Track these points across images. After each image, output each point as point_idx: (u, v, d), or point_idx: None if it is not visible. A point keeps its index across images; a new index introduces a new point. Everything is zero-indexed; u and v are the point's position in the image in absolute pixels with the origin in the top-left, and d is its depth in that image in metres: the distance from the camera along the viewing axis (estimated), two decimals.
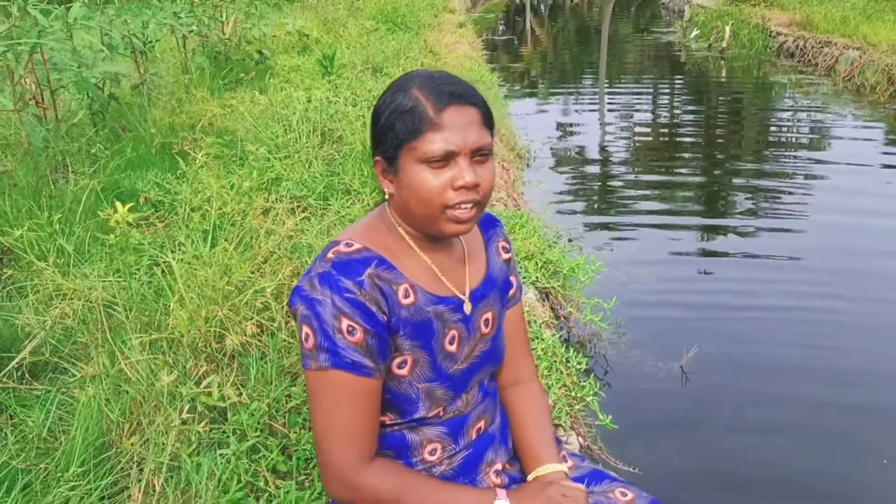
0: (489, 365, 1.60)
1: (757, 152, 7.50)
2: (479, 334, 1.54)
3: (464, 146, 1.36)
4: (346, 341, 1.34)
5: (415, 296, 1.42)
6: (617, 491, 1.63)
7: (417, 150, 1.35)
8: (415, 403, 1.46)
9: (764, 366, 3.58)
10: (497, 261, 1.63)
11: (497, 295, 1.60)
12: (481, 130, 1.39)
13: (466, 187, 1.36)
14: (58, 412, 2.19)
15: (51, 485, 1.93)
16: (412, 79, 1.42)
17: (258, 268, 2.92)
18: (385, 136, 1.40)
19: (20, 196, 3.39)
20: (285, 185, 3.84)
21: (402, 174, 1.38)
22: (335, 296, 1.33)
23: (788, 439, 3.07)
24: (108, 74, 4.83)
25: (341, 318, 1.33)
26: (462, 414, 1.54)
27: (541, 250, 3.65)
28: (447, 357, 1.48)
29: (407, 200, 1.39)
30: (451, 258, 1.53)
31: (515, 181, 5.50)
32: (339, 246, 1.40)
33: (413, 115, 1.36)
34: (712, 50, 13.16)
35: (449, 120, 1.35)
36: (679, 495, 2.71)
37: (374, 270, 1.37)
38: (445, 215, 1.37)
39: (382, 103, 1.42)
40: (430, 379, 1.46)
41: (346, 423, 1.38)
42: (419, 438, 1.51)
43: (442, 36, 10.57)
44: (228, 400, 2.17)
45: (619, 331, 3.78)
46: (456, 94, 1.38)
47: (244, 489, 1.96)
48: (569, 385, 2.66)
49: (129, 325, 2.46)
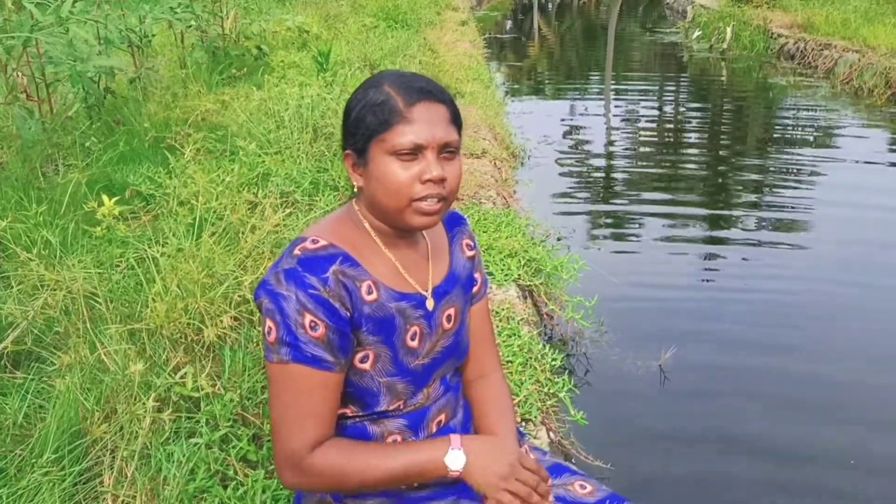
0: (451, 360, 1.63)
1: (757, 152, 7.56)
2: (441, 330, 1.57)
3: (432, 140, 1.40)
4: (307, 336, 1.37)
5: (378, 293, 1.46)
6: (576, 484, 1.66)
7: (387, 141, 1.39)
8: (376, 397, 1.50)
9: (744, 369, 3.61)
10: (461, 258, 1.67)
11: (460, 291, 1.63)
12: (449, 127, 1.44)
13: (433, 181, 1.40)
14: (35, 400, 2.24)
15: (25, 470, 1.98)
16: (384, 76, 1.46)
17: (241, 262, 2.97)
18: (356, 128, 1.43)
19: (10, 188, 3.44)
20: (274, 181, 3.88)
21: (372, 166, 1.42)
22: (300, 292, 1.36)
23: (765, 443, 3.09)
24: (103, 69, 4.88)
25: (304, 313, 1.36)
26: (423, 407, 1.57)
27: (524, 248, 3.68)
28: (409, 352, 1.51)
29: (375, 192, 1.43)
30: (415, 255, 1.56)
31: (508, 179, 5.54)
32: (306, 243, 1.43)
33: (384, 108, 1.40)
34: (713, 51, 13.18)
35: (419, 114, 1.40)
36: (648, 493, 2.75)
37: (339, 267, 1.41)
38: (412, 207, 1.41)
39: (354, 98, 1.46)
40: (392, 373, 1.49)
41: (301, 413, 1.40)
42: (380, 430, 1.54)
43: (443, 34, 10.60)
44: (202, 390, 2.21)
45: (601, 329, 3.81)
46: (426, 91, 1.43)
47: (213, 477, 2.00)
48: (542, 381, 2.70)
49: (109, 317, 2.51)
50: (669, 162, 7.35)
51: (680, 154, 7.66)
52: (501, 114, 7.46)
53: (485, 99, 7.15)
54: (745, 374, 3.57)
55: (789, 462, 2.98)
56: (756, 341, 3.84)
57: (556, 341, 3.70)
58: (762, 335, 3.91)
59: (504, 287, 3.38)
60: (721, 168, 7.13)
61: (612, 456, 2.78)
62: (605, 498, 1.62)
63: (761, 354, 3.71)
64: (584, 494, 1.63)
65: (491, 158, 5.43)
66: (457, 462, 1.43)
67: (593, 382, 3.45)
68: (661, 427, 3.19)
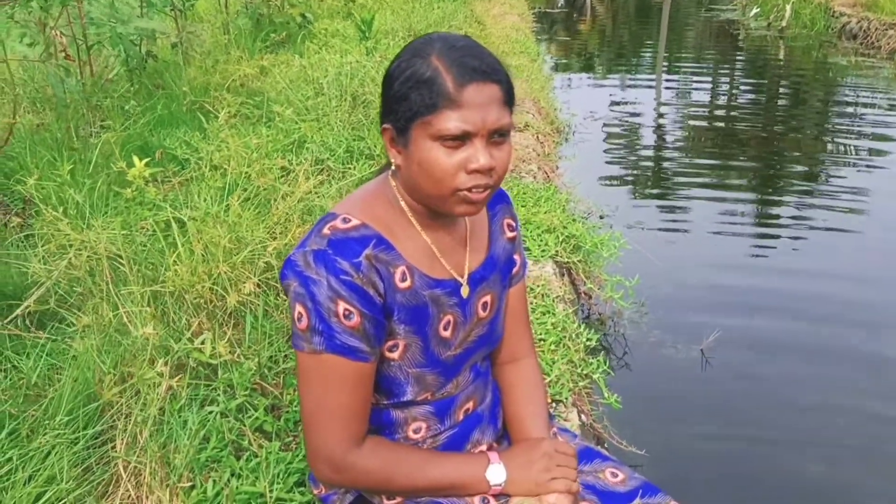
0: (484, 349, 1.54)
1: (814, 136, 7.23)
2: (476, 318, 1.47)
3: (482, 127, 1.25)
4: (342, 325, 1.28)
5: (412, 279, 1.36)
6: (607, 471, 1.57)
7: (432, 125, 1.25)
8: (402, 387, 1.42)
9: (792, 358, 3.44)
10: (501, 240, 1.55)
11: (498, 276, 1.53)
12: (502, 110, 1.28)
13: (480, 171, 1.27)
14: (52, 361, 2.20)
15: (37, 432, 1.94)
16: (432, 44, 1.30)
17: (270, 230, 2.90)
18: (397, 104, 1.29)
19: (44, 147, 3.41)
20: (309, 148, 3.80)
21: (413, 148, 1.29)
22: (331, 277, 1.26)
23: (810, 439, 2.94)
24: (145, 31, 4.84)
25: (338, 300, 1.26)
26: (451, 395, 1.49)
27: (563, 224, 3.56)
28: (441, 343, 1.42)
29: (416, 176, 1.30)
30: (453, 237, 1.45)
31: (550, 154, 5.39)
32: (337, 221, 1.32)
33: (431, 87, 1.25)
34: (771, 29, 12.76)
35: (469, 97, 1.24)
36: (683, 483, 2.62)
37: (372, 251, 1.30)
38: (456, 197, 1.29)
39: (397, 67, 1.30)
40: (421, 364, 1.41)
41: (337, 407, 1.33)
42: (404, 416, 1.46)
43: (491, 6, 10.43)
44: (221, 357, 2.14)
45: (641, 310, 3.68)
46: (480, 70, 1.26)
47: (227, 447, 1.94)
48: (575, 361, 2.58)
49: (132, 279, 2.46)
50: (721, 144, 7.09)
51: (732, 136, 7.37)
52: (547, 88, 7.30)
53: (530, 72, 6.99)
54: (791, 365, 3.40)
55: (831, 457, 2.83)
56: (804, 333, 3.65)
57: (593, 321, 3.58)
58: (810, 327, 3.71)
59: (540, 263, 3.27)
60: (774, 151, 6.81)
61: (647, 442, 2.66)
62: (638, 487, 1.53)
63: (808, 347, 3.53)
64: (615, 483, 1.54)
65: (534, 132, 5.29)
66: (498, 476, 1.41)
67: (631, 365, 3.33)
68: (699, 414, 3.06)
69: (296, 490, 1.81)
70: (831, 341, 3.57)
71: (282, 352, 2.30)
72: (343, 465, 1.35)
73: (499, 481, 1.40)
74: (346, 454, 1.35)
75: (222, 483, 1.81)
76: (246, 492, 1.76)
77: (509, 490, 1.40)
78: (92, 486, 1.86)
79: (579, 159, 5.89)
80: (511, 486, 1.40)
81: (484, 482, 1.40)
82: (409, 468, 1.40)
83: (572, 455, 1.45)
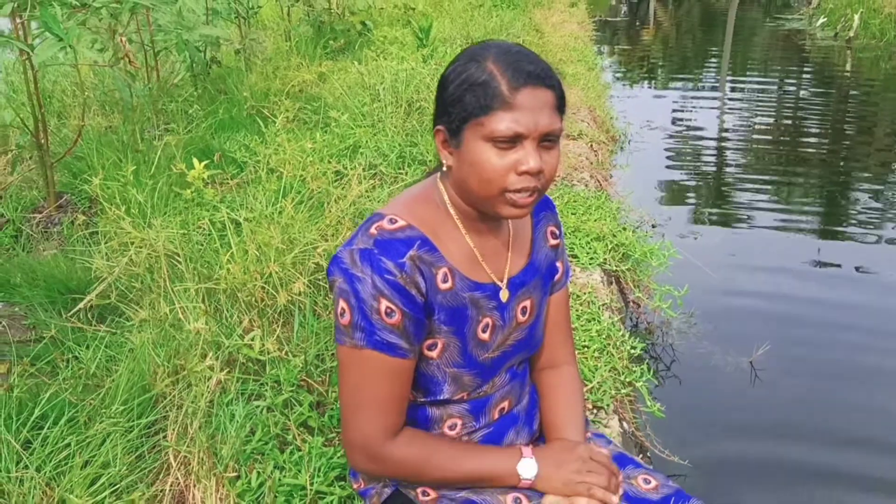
0: (522, 353, 1.57)
1: (882, 151, 6.98)
2: (514, 323, 1.50)
3: (534, 130, 1.29)
4: (383, 322, 1.32)
5: (452, 281, 1.39)
6: (640, 477, 1.58)
7: (485, 126, 1.29)
8: (440, 385, 1.45)
9: (845, 375, 3.36)
10: (543, 247, 1.58)
11: (539, 282, 1.55)
12: (553, 115, 1.32)
13: (530, 173, 1.30)
14: (111, 353, 2.30)
15: (94, 420, 2.03)
16: (487, 49, 1.34)
17: (323, 232, 2.97)
18: (452, 106, 1.33)
19: (110, 149, 3.56)
20: (363, 153, 3.88)
21: (465, 149, 1.33)
22: (375, 276, 1.30)
23: (860, 462, 2.85)
24: (209, 38, 4.99)
25: (380, 298, 1.31)
26: (487, 395, 1.52)
27: (613, 232, 3.56)
28: (479, 345, 1.45)
29: (466, 177, 1.34)
30: (496, 241, 1.48)
31: (604, 163, 5.38)
32: (383, 221, 1.37)
33: (485, 89, 1.29)
34: (838, 39, 12.45)
35: (522, 100, 1.28)
36: (726, 496, 2.60)
37: (416, 252, 1.34)
38: (504, 198, 1.32)
39: (453, 71, 1.35)
40: (459, 365, 1.44)
41: (375, 398, 1.38)
42: (440, 413, 1.50)
43: (550, 14, 10.42)
44: (269, 354, 2.21)
45: (690, 321, 3.65)
46: (534, 75, 1.30)
47: (272, 441, 2.00)
48: (619, 369, 2.58)
49: (188, 276, 2.55)
50: (783, 157, 6.91)
51: (795, 149, 7.17)
52: (604, 97, 7.26)
53: (587, 81, 6.97)
54: (845, 384, 3.31)
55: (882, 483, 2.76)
56: (860, 351, 3.55)
57: (641, 331, 3.57)
58: (868, 346, 3.60)
59: (588, 271, 3.27)
60: (840, 166, 6.62)
61: (690, 453, 2.64)
62: (671, 495, 1.52)
63: (864, 367, 3.43)
64: (647, 490, 1.54)
65: (588, 141, 5.28)
66: (529, 470, 1.42)
67: (677, 375, 3.30)
68: (746, 427, 3.01)
69: (336, 484, 1.87)
70: (889, 362, 3.47)
71: (328, 350, 2.36)
72: (379, 455, 1.40)
73: (529, 476, 1.42)
74: (382, 444, 1.39)
75: (266, 475, 1.87)
76: (288, 484, 1.82)
77: (539, 486, 1.42)
78: (143, 472, 1.95)
79: (634, 168, 5.84)
80: (541, 482, 1.42)
81: (515, 475, 1.42)
82: (442, 459, 1.43)
83: (607, 464, 1.45)
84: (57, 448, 1.93)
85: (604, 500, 1.39)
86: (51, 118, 4.47)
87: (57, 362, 2.26)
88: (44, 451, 1.92)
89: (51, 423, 2.00)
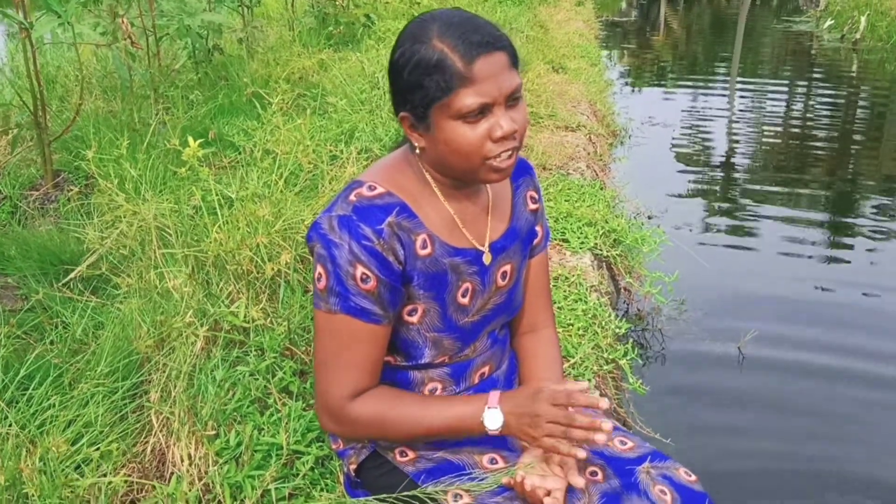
0: (502, 317, 1.58)
1: (890, 154, 6.98)
2: (494, 287, 1.51)
3: (498, 96, 1.30)
4: (358, 288, 1.34)
5: (432, 247, 1.41)
6: (616, 439, 1.59)
7: (451, 107, 1.29)
8: (420, 350, 1.47)
9: (831, 368, 3.36)
10: (523, 211, 1.59)
11: (518, 247, 1.57)
12: (511, 73, 1.32)
13: (505, 137, 1.32)
14: (98, 318, 2.33)
15: (79, 381, 2.06)
16: (428, 25, 1.32)
17: (314, 210, 2.99)
18: (411, 94, 1.32)
19: (108, 128, 3.60)
20: (359, 137, 3.90)
21: (436, 131, 1.33)
22: (353, 242, 1.32)
23: (841, 439, 2.90)
24: (211, 25, 5.03)
25: (356, 264, 1.32)
26: (468, 359, 1.54)
27: (605, 218, 3.57)
28: (459, 309, 1.47)
29: (444, 155, 1.35)
30: (475, 207, 1.49)
31: (602, 155, 5.39)
32: (362, 188, 1.38)
33: (441, 71, 1.28)
34: (845, 41, 12.43)
35: (480, 71, 1.28)
36: (706, 472, 2.60)
37: (395, 219, 1.36)
38: (486, 166, 1.34)
39: (401, 56, 1.33)
40: (439, 329, 1.46)
41: (345, 362, 1.40)
42: (421, 377, 1.52)
43: (555, 11, 10.44)
44: (254, 322, 2.24)
45: (680, 308, 3.67)
46: (483, 43, 1.29)
47: (253, 404, 2.03)
48: (602, 346, 2.60)
49: (177, 247, 2.58)
50: (785, 156, 6.91)
51: (798, 148, 7.16)
52: (605, 92, 7.27)
53: (589, 76, 6.99)
54: (831, 373, 3.32)
55: (857, 466, 2.78)
56: (850, 346, 3.54)
57: (631, 316, 3.58)
58: (857, 341, 3.59)
59: (578, 254, 3.29)
60: (845, 165, 6.59)
61: (673, 432, 2.65)
62: (646, 455, 1.54)
63: (852, 359, 3.42)
64: (623, 450, 1.55)
65: (586, 133, 5.29)
66: (494, 421, 1.40)
67: (665, 358, 3.34)
68: (730, 409, 3.04)
69: (314, 444, 1.89)
70: (881, 355, 3.48)
71: (312, 321, 2.38)
72: (340, 416, 1.42)
73: (495, 427, 1.40)
74: (343, 406, 1.41)
75: (246, 435, 1.90)
76: (266, 443, 1.85)
77: (505, 433, 1.41)
78: (126, 432, 1.97)
79: (633, 163, 5.86)
80: (506, 432, 1.41)
81: (480, 424, 1.41)
82: (403, 412, 1.43)
83: (568, 415, 1.36)
84: (41, 408, 1.96)
85: (570, 455, 1.36)
86: (53, 102, 4.52)
87: (45, 326, 2.29)
88: (28, 409, 1.95)
89: (36, 384, 2.03)
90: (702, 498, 1.49)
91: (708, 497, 1.50)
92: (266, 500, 1.73)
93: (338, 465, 1.84)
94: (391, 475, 1.52)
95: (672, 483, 1.47)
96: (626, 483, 1.43)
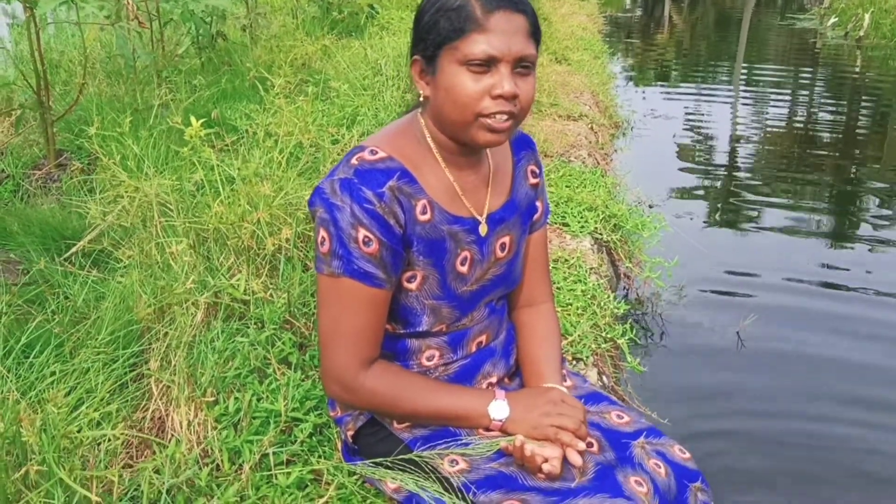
0: (501, 289, 1.60)
1: (892, 153, 6.95)
2: (493, 258, 1.53)
3: (507, 53, 1.31)
4: (360, 251, 1.35)
5: (431, 213, 1.42)
6: (613, 413, 1.61)
7: (459, 50, 1.31)
8: (419, 317, 1.48)
9: (832, 354, 3.36)
10: (524, 185, 1.61)
11: (518, 220, 1.58)
12: (527, 40, 1.35)
13: (504, 97, 1.32)
14: (100, 290, 2.34)
15: (80, 350, 2.07)
16: None
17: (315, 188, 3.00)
18: (427, 34, 1.36)
19: (111, 108, 3.61)
20: (360, 121, 3.91)
21: (440, 75, 1.35)
22: (355, 204, 1.33)
23: (837, 421, 2.90)
24: (215, 10, 5.03)
25: (358, 227, 1.34)
26: (465, 328, 1.55)
27: (605, 203, 3.58)
28: (457, 277, 1.48)
29: (442, 103, 1.36)
30: (476, 177, 1.51)
31: (604, 144, 5.40)
32: (364, 153, 1.40)
33: (459, 13, 1.31)
34: (848, 38, 12.41)
35: (496, 24, 1.31)
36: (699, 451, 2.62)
37: (396, 183, 1.37)
38: (479, 123, 1.34)
39: (428, 1, 1.38)
40: (438, 297, 1.47)
41: (351, 329, 1.41)
42: (419, 344, 1.53)
43: (559, 5, 10.44)
44: (254, 294, 2.25)
45: (680, 293, 3.68)
46: (508, 1, 1.33)
47: (253, 373, 2.04)
48: (601, 325, 2.62)
49: (178, 222, 2.59)
50: (788, 150, 6.88)
51: (801, 143, 7.14)
52: (608, 84, 7.27)
53: (592, 68, 6.99)
54: (829, 359, 3.32)
55: (854, 450, 2.79)
56: (849, 333, 3.55)
57: (631, 301, 3.59)
58: (856, 328, 3.60)
59: (578, 238, 3.30)
60: (847, 161, 6.54)
61: (670, 411, 2.65)
62: (643, 430, 1.56)
63: (850, 346, 3.44)
64: (619, 424, 1.57)
65: (588, 122, 5.30)
66: (500, 411, 1.44)
67: (664, 340, 3.36)
68: (729, 393, 3.05)
69: (312, 413, 1.90)
70: (878, 341, 3.49)
71: (312, 295, 2.39)
72: (352, 386, 1.43)
73: (500, 417, 1.43)
74: (356, 375, 1.43)
75: (244, 402, 1.91)
76: (264, 409, 1.86)
77: (509, 428, 1.43)
78: (126, 400, 1.99)
79: (635, 153, 5.86)
80: (511, 424, 1.43)
81: (486, 416, 1.44)
82: (414, 393, 1.46)
83: (579, 408, 1.45)
84: (42, 376, 1.97)
85: (570, 445, 1.39)
86: (56, 85, 4.52)
87: (46, 297, 2.30)
88: (29, 376, 1.96)
89: (37, 353, 2.04)
90: (695, 475, 1.51)
91: (701, 475, 1.53)
92: (264, 465, 1.74)
93: (335, 433, 1.85)
94: (387, 441, 1.54)
95: (666, 459, 1.49)
96: (621, 456, 1.45)
